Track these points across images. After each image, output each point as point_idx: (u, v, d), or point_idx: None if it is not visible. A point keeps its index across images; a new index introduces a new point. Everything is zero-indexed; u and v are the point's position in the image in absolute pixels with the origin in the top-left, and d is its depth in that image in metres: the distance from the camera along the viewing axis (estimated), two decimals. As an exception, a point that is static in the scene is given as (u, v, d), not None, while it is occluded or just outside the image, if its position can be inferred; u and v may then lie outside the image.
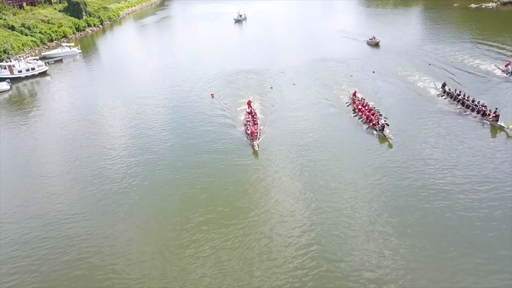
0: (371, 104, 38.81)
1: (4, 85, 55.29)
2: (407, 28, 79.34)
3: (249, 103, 39.79)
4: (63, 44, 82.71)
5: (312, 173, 28.10)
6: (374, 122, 34.42)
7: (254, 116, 36.81)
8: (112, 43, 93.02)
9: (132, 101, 46.96)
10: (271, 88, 47.94)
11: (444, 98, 40.56)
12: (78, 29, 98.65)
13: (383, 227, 22.11)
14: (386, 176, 27.22)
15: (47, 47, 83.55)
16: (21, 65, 62.29)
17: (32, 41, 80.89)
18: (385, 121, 33.89)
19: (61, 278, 20.13)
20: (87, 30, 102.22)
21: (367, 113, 36.24)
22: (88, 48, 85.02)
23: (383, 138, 32.66)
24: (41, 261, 21.27)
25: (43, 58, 72.10)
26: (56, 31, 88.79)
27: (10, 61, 62.36)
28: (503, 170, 26.80)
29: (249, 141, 32.75)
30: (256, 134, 32.52)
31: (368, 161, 29.38)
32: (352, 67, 54.87)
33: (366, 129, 34.94)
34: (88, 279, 19.91)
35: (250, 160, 30.70)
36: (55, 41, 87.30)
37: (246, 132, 34.15)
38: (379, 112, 36.77)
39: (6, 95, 54.13)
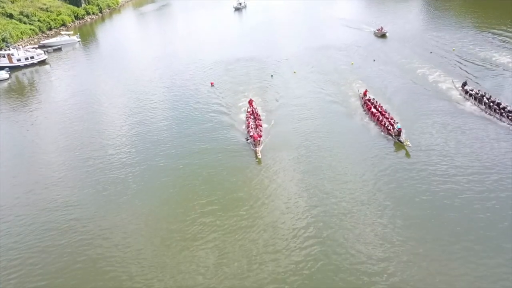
0: (384, 107, 34.85)
1: (3, 74, 55.04)
2: (411, 17, 78.20)
3: (250, 102, 36.68)
4: (62, 32, 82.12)
5: (321, 188, 24.80)
6: (388, 127, 30.79)
7: (256, 117, 33.85)
8: (111, 31, 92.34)
9: (131, 90, 46.72)
10: (272, 76, 47.65)
11: (466, 99, 36.33)
12: (77, 17, 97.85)
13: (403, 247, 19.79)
14: (403, 189, 24.17)
15: (46, 35, 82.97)
16: (20, 54, 61.90)
17: (30, 29, 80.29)
18: (398, 123, 30.72)
19: (62, 268, 19.99)
20: (86, 18, 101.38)
21: (380, 116, 32.77)
22: (87, 36, 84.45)
23: (399, 145, 29.23)
24: (42, 252, 21.06)
25: (42, 46, 71.59)
26: (54, 19, 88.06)
27: (9, 49, 61.95)
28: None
29: (251, 146, 29.90)
30: (259, 139, 29.39)
31: (382, 170, 26.28)
32: (354, 56, 54.36)
33: (380, 134, 31.39)
34: (89, 270, 19.73)
35: (253, 170, 27.38)
36: (54, 30, 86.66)
37: (248, 136, 30.95)
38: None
39: (5, 84, 53.91)
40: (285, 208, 23.13)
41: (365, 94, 37.65)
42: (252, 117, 34.06)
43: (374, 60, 50.90)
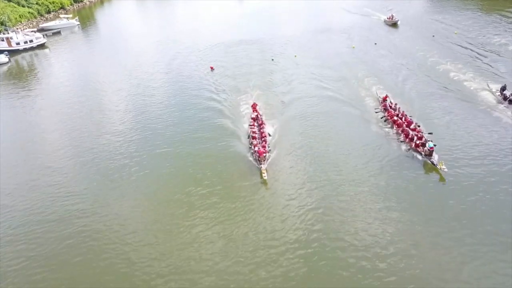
0: (409, 116, 29.14)
1: (3, 58, 54.73)
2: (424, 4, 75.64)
3: (254, 107, 32.60)
4: (61, 15, 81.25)
5: (336, 220, 20.61)
6: (417, 142, 25.52)
7: (261, 126, 29.42)
8: (111, 14, 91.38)
9: (131, 75, 46.39)
10: (272, 60, 47.29)
11: (505, 107, 30.73)
12: (76, 0, 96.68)
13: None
14: (438, 223, 19.90)
15: (44, 18, 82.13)
16: (19, 37, 61.44)
17: (29, 12, 79.46)
18: (431, 140, 25.11)
19: (63, 256, 19.70)
20: (85, 1, 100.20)
21: (406, 128, 27.34)
22: (86, 19, 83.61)
23: (430, 167, 24.36)
24: (43, 240, 20.71)
25: (41, 30, 71.01)
26: (53, 2, 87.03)
27: (8, 33, 61.47)
28: None
29: (256, 163, 25.52)
30: (264, 155, 25.18)
31: (411, 198, 21.82)
32: (355, 41, 53.75)
33: (406, 150, 26.20)
34: (91, 258, 19.45)
35: (258, 193, 23.15)
36: (52, 13, 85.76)
37: (252, 150, 26.60)
38: (416, 124, 28.07)
39: (4, 67, 53.66)
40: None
41: (385, 99, 32.45)
42: (256, 124, 29.89)
43: (375, 44, 50.34)
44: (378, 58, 45.31)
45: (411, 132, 26.60)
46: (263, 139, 27.41)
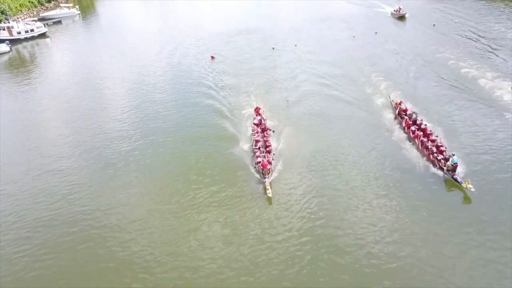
0: (427, 126, 25.71)
1: (4, 47, 54.84)
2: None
3: (257, 110, 30.18)
4: (62, 4, 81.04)
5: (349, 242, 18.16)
6: (438, 157, 22.54)
7: (264, 130, 27.15)
8: (111, 3, 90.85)
9: (132, 64, 46.42)
10: (273, 49, 47.33)
11: None
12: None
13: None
14: (463, 251, 17.19)
15: (45, 8, 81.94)
16: (20, 27, 61.44)
17: (29, 1, 79.23)
18: (454, 154, 21.90)
19: (67, 244, 19.49)
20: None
21: (424, 139, 24.31)
22: (87, 9, 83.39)
23: (451, 183, 21.30)
24: (44, 228, 20.54)
25: (41, 19, 70.88)
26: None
27: (9, 22, 61.50)
28: None
29: (259, 176, 23.01)
30: (268, 167, 22.75)
31: (430, 221, 18.87)
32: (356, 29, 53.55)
33: (422, 161, 23.42)
34: (92, 246, 19.28)
35: (262, 209, 20.76)
36: (53, 2, 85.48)
37: (255, 161, 23.96)
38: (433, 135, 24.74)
39: (6, 57, 53.78)
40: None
41: (398, 104, 29.22)
42: (259, 129, 27.41)
43: (376, 33, 50.23)
44: (386, 57, 42.34)
45: (430, 145, 23.53)
46: (267, 148, 24.97)
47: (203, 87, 37.54)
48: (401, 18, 55.90)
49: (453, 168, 21.13)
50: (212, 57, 45.81)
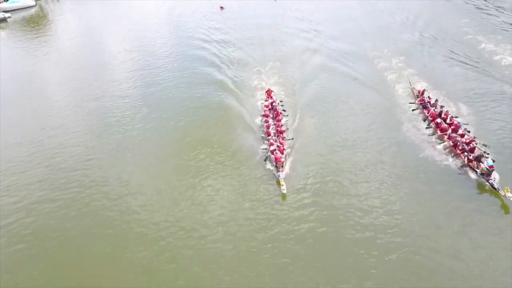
0: (457, 119, 22.44)
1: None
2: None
3: (268, 93, 27.92)
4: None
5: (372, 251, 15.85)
6: (469, 156, 19.52)
7: (276, 116, 24.86)
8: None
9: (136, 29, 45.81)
10: (277, 29, 44.40)
11: None
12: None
13: None
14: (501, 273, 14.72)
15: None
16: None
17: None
18: (487, 153, 19.42)
19: (69, 222, 18.65)
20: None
21: (453, 135, 21.10)
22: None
23: (487, 189, 18.36)
24: (47, 202, 19.79)
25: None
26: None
27: None
28: None
29: (272, 168, 20.63)
30: (282, 160, 20.47)
31: (460, 232, 16.32)
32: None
33: (450, 159, 20.19)
34: (97, 222, 18.50)
35: (275, 209, 18.34)
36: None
37: (267, 150, 21.82)
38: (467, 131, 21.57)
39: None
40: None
41: (421, 93, 25.68)
42: (271, 115, 25.29)
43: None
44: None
45: (459, 141, 20.25)
46: (279, 137, 22.45)
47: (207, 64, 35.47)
48: None
49: (489, 172, 18.15)
50: (221, 8, 44.64)
